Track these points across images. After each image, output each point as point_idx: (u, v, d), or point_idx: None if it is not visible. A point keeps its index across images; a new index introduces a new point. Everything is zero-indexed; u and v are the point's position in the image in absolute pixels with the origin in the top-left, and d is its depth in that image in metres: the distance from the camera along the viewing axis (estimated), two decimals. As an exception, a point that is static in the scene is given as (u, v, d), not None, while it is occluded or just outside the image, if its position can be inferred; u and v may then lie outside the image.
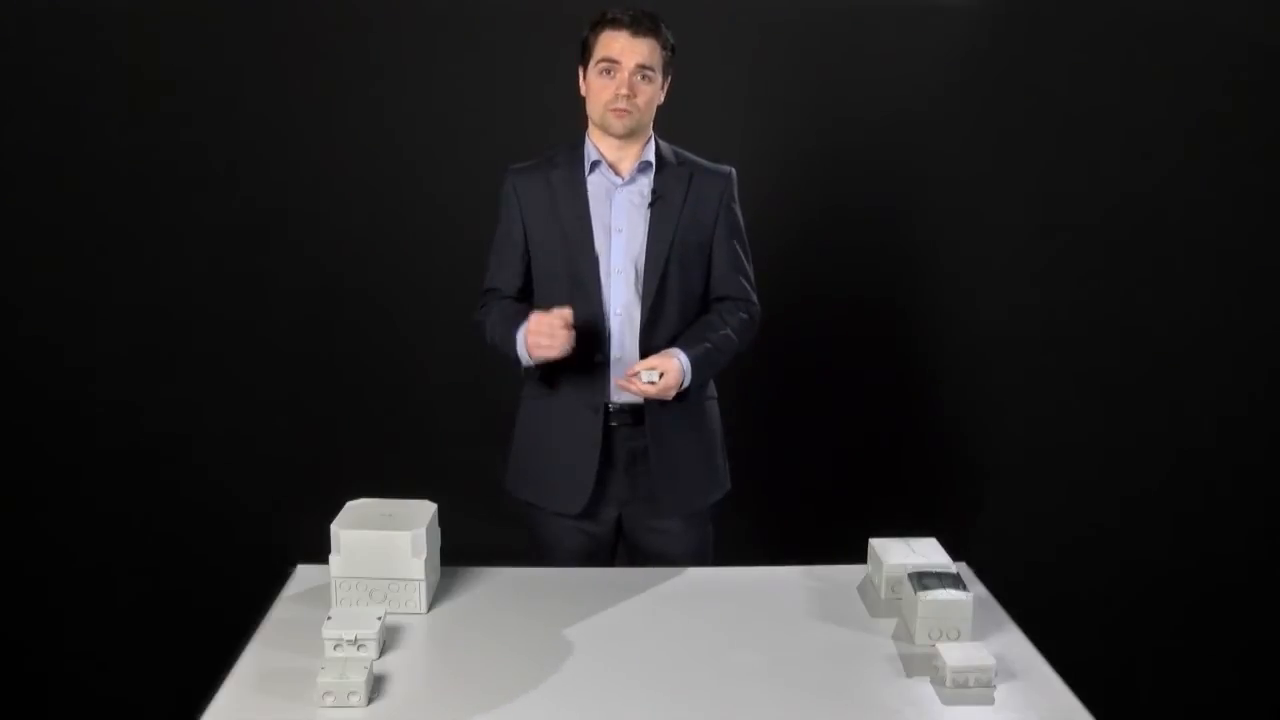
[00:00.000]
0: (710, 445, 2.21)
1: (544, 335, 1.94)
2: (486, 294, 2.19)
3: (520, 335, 2.01)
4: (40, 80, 2.71)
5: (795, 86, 2.86)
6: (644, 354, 2.06)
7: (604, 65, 2.03)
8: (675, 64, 2.11)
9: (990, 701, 1.55)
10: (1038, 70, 2.83)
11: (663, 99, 2.11)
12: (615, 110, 2.03)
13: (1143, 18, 2.79)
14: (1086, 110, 2.84)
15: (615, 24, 2.02)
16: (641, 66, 2.02)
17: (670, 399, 2.02)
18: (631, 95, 2.02)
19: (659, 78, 2.07)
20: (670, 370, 1.98)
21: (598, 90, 2.05)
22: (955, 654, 1.58)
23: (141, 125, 2.74)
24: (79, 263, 2.79)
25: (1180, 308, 2.91)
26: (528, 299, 2.16)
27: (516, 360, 2.08)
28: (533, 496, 2.18)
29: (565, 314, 1.95)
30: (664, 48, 2.06)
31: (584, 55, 2.08)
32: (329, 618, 1.63)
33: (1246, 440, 2.96)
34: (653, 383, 1.97)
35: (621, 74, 2.02)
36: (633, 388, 1.98)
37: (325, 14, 2.74)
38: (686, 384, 2.03)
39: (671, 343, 2.08)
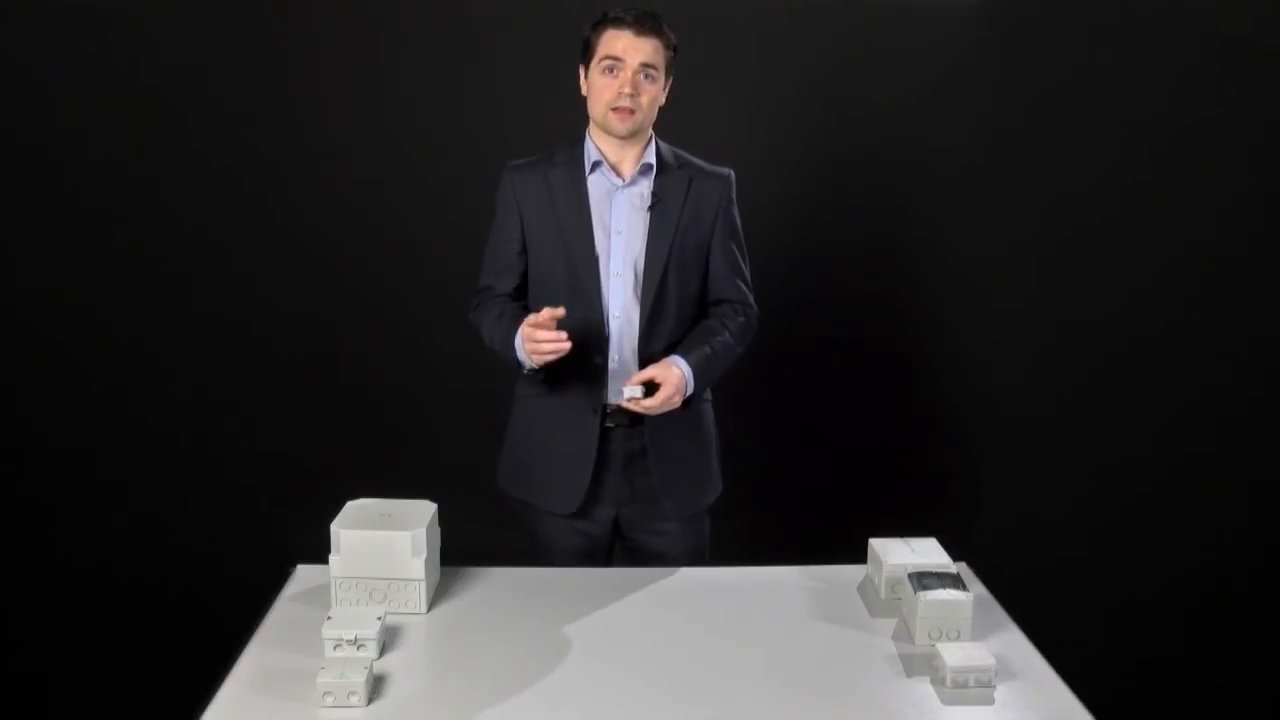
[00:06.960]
0: (706, 448, 2.20)
1: (540, 342, 1.89)
2: (480, 293, 2.16)
3: (518, 342, 1.98)
4: (43, 80, 2.71)
5: (795, 86, 2.86)
6: (641, 356, 2.06)
7: (607, 63, 2.01)
8: (676, 65, 2.10)
9: (990, 701, 1.55)
10: (1038, 70, 2.83)
11: (664, 100, 2.10)
12: (618, 110, 2.01)
13: (1142, 17, 2.79)
14: (1086, 110, 2.84)
15: (619, 23, 2.00)
16: (645, 65, 2.01)
17: (676, 408, 1.98)
18: (635, 94, 2.00)
19: (661, 78, 2.05)
20: (670, 380, 1.95)
21: (600, 89, 2.03)
22: (955, 654, 1.58)
23: (144, 126, 2.74)
24: (82, 262, 2.79)
25: (1180, 308, 2.91)
26: (522, 297, 2.14)
27: (518, 365, 2.04)
28: (526, 495, 2.17)
29: (556, 313, 1.90)
30: (667, 47, 2.04)
31: (585, 54, 2.06)
32: (329, 618, 1.63)
33: (1246, 442, 2.96)
34: (634, 399, 1.94)
35: (625, 73, 2.00)
36: (632, 407, 1.96)
37: (327, 13, 2.74)
38: (690, 391, 2.02)
39: (670, 345, 2.07)
